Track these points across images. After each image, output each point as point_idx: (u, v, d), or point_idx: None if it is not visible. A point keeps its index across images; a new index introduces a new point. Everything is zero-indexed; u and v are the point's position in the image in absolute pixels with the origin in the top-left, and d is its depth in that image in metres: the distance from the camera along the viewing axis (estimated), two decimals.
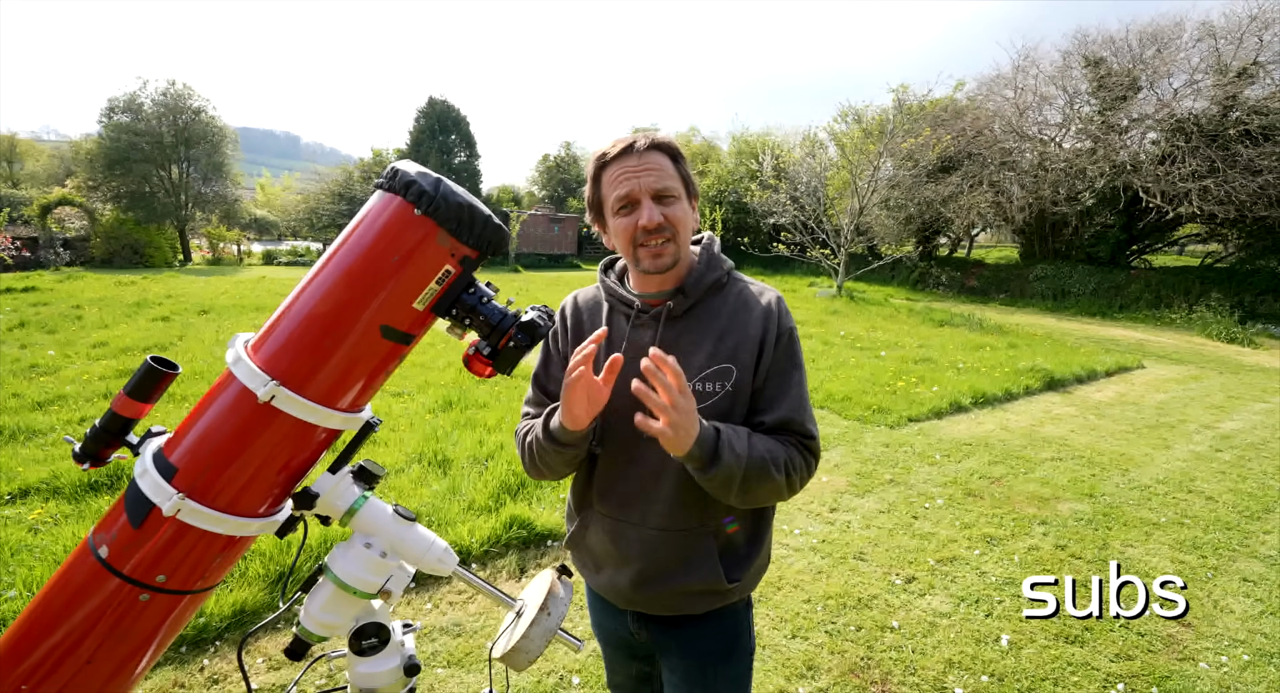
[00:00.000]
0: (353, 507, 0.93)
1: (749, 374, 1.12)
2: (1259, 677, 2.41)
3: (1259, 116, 13.87)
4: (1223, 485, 4.33)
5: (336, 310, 0.81)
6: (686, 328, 1.15)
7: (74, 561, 0.82)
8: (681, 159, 1.13)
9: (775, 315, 1.15)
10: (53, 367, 5.97)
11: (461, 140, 31.12)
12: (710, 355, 1.12)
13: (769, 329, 1.14)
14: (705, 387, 1.12)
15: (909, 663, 2.40)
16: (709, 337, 1.14)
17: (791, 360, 1.15)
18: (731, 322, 1.14)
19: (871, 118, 16.28)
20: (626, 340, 1.17)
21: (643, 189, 1.07)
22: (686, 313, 1.16)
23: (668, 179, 1.09)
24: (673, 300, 1.15)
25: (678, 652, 1.24)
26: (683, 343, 1.14)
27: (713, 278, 1.17)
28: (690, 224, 1.14)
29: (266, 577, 2.60)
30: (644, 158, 1.08)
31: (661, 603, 1.19)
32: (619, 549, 1.18)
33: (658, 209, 1.08)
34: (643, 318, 1.17)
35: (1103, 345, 10.18)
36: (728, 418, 1.11)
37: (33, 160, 39.06)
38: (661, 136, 1.11)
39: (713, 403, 1.11)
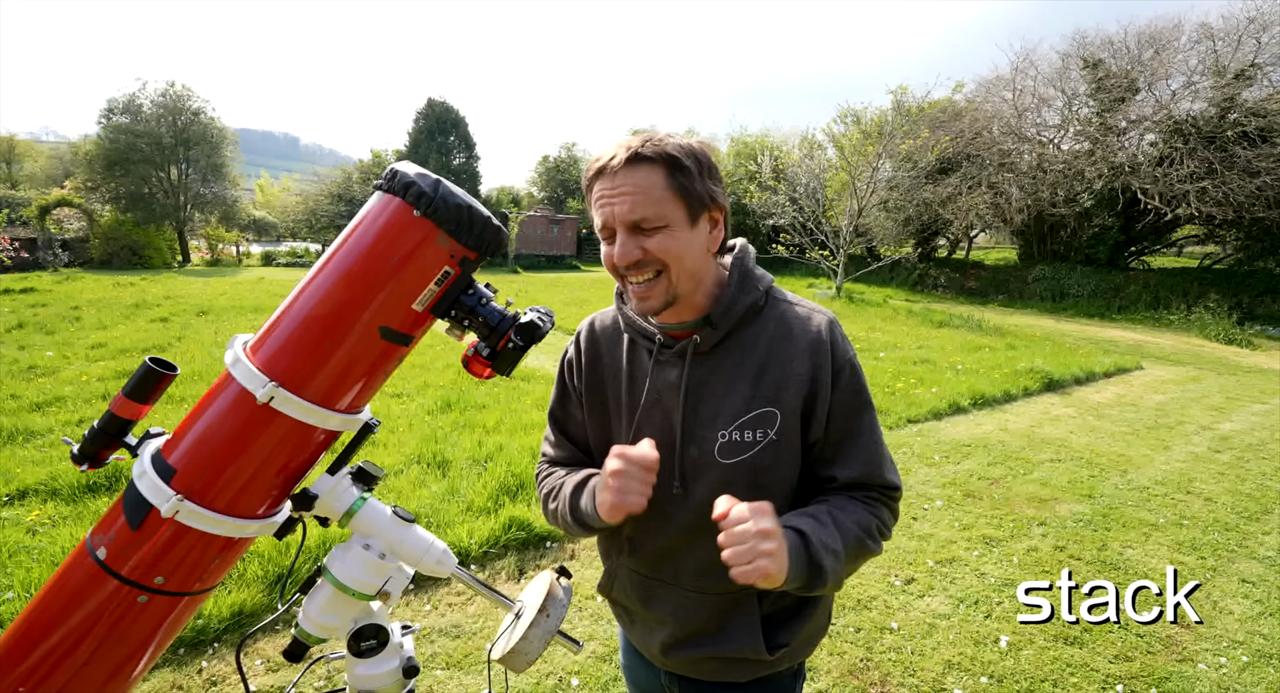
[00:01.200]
0: (351, 508, 0.92)
1: (796, 418, 0.95)
2: (1258, 678, 2.41)
3: (1257, 118, 13.92)
4: (1221, 486, 4.33)
5: (335, 312, 0.81)
6: (717, 364, 0.97)
7: (72, 562, 0.82)
8: (683, 169, 0.89)
9: (828, 346, 0.95)
10: (51, 368, 5.96)
11: (460, 141, 31.15)
12: (748, 399, 0.95)
13: (822, 365, 0.94)
14: (744, 436, 0.95)
15: (908, 664, 2.40)
16: (745, 375, 0.96)
17: (859, 398, 0.98)
18: (771, 355, 0.96)
19: (870, 119, 16.31)
20: (649, 380, 1.00)
21: (615, 218, 0.89)
22: (716, 347, 0.98)
23: (648, 206, 0.87)
24: (700, 333, 0.97)
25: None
26: (714, 383, 0.97)
27: (747, 302, 0.97)
28: (691, 251, 0.92)
29: (265, 578, 2.60)
30: (619, 178, 0.88)
31: (696, 668, 1.06)
32: (649, 609, 1.07)
33: (634, 241, 0.89)
34: (666, 354, 0.99)
35: (1101, 347, 10.19)
36: (771, 469, 0.96)
37: (31, 161, 39.05)
38: (652, 144, 0.89)
39: (754, 454, 0.95)
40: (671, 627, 1.04)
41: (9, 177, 37.11)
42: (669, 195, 0.89)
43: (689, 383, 0.98)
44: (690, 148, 0.91)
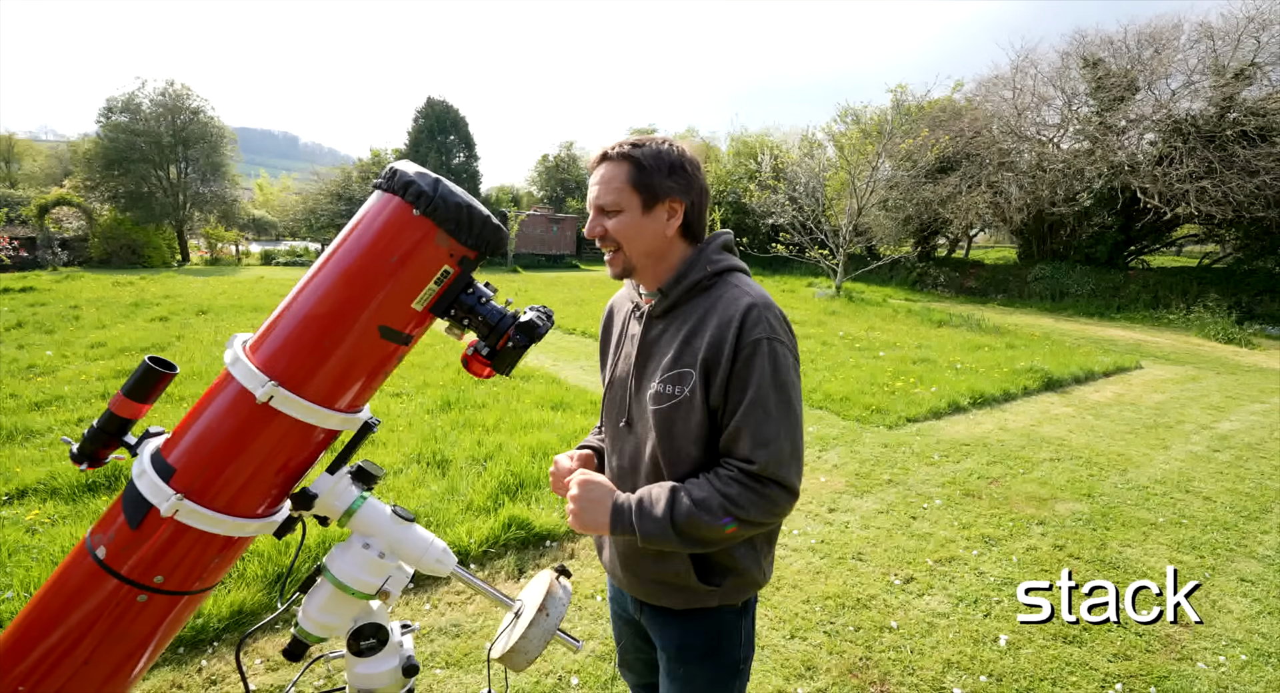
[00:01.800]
0: (351, 507, 0.92)
1: (700, 381, 1.07)
2: (1256, 676, 2.42)
3: (1256, 117, 13.92)
4: (1220, 486, 4.34)
5: (335, 311, 0.81)
6: (664, 328, 1.17)
7: (71, 561, 0.82)
8: (642, 168, 1.08)
9: (737, 324, 1.05)
10: (50, 367, 5.96)
11: (460, 141, 31.11)
12: (674, 358, 1.11)
13: (725, 340, 1.05)
14: (665, 389, 1.11)
15: (908, 663, 2.40)
16: (677, 338, 1.13)
17: (751, 377, 1.04)
18: (700, 325, 1.10)
19: (870, 118, 16.30)
20: (627, 335, 1.26)
21: (590, 202, 1.13)
22: (666, 313, 1.17)
23: (609, 194, 1.09)
24: (656, 299, 1.17)
25: (660, 641, 1.26)
26: (660, 341, 1.16)
27: (693, 279, 1.13)
28: (642, 234, 1.11)
29: (264, 577, 2.60)
30: (594, 172, 1.13)
31: (643, 590, 1.22)
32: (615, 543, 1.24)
33: (599, 221, 1.12)
34: (638, 313, 1.23)
35: (1101, 346, 10.20)
36: (681, 422, 1.10)
37: (30, 160, 38.98)
38: (620, 148, 1.10)
39: (670, 405, 1.10)
40: (622, 545, 1.21)
41: (8, 175, 37.07)
42: (627, 187, 1.09)
43: (643, 340, 1.19)
44: (658, 150, 1.10)
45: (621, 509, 1.07)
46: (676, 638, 1.22)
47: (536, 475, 3.70)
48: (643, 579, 1.20)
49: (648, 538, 1.04)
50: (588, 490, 1.09)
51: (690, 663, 1.22)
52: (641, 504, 1.06)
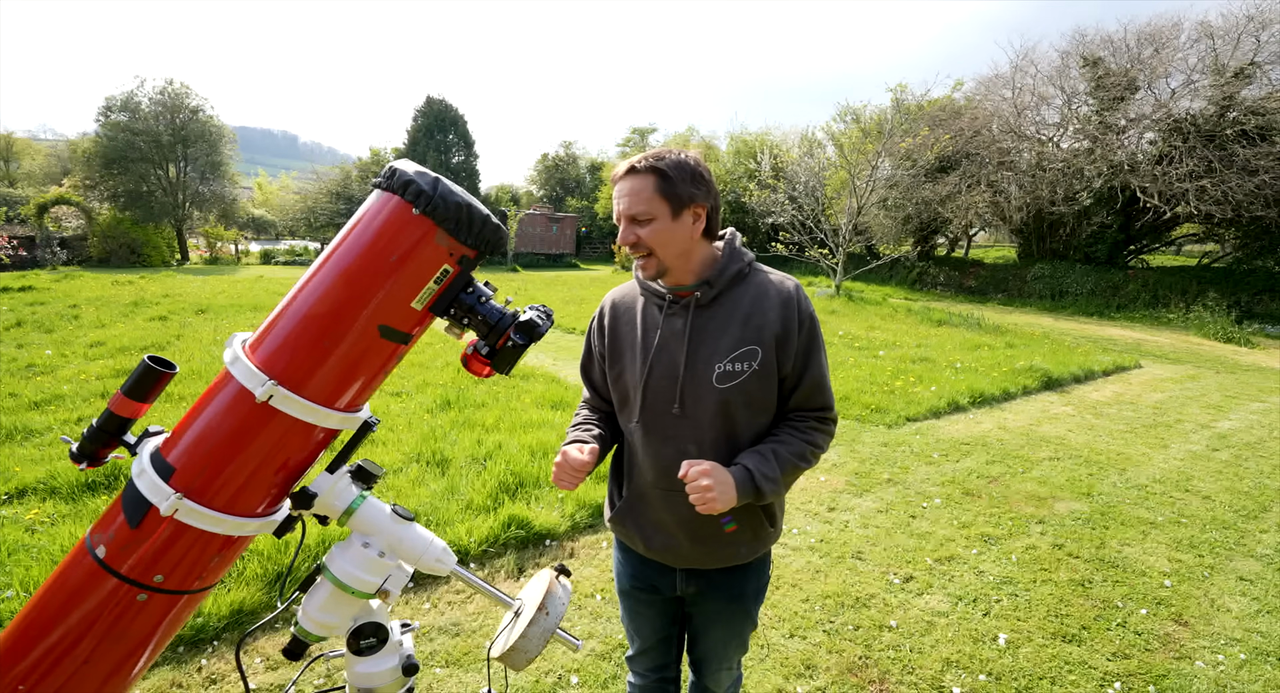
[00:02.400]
0: (351, 506, 0.92)
1: (772, 354, 1.25)
2: (1255, 675, 2.42)
3: (1256, 117, 13.90)
4: (1219, 485, 4.34)
5: (334, 310, 0.81)
6: (713, 315, 1.28)
7: (71, 561, 0.82)
8: (667, 178, 1.19)
9: (794, 302, 1.28)
10: (50, 366, 5.96)
11: (459, 139, 31.10)
12: (737, 339, 1.25)
13: (790, 317, 1.27)
14: (735, 366, 1.25)
15: (907, 662, 2.40)
16: (734, 322, 1.27)
17: (813, 342, 1.30)
18: (754, 307, 1.27)
19: (870, 117, 16.32)
20: (660, 328, 1.31)
21: (620, 213, 1.23)
22: (713, 302, 1.29)
23: (640, 204, 1.19)
24: (700, 291, 1.27)
25: (723, 597, 1.42)
26: (711, 328, 1.28)
27: (735, 269, 1.30)
28: (674, 239, 1.22)
29: (264, 577, 2.60)
30: (621, 184, 1.22)
31: (716, 556, 1.36)
32: (673, 515, 1.33)
33: (632, 230, 1.22)
34: (674, 308, 1.30)
35: (1100, 345, 10.20)
36: (754, 392, 1.26)
37: (29, 159, 38.91)
38: (646, 160, 1.20)
39: (742, 380, 1.25)
40: (696, 526, 1.31)
41: (7, 174, 37.03)
42: (656, 197, 1.19)
43: (692, 329, 1.28)
44: (678, 161, 1.21)
45: (746, 480, 1.20)
46: (740, 586, 1.41)
47: (536, 475, 3.70)
48: (717, 547, 1.34)
49: (770, 496, 1.23)
50: (715, 474, 1.17)
51: (750, 601, 1.44)
52: (761, 471, 1.22)
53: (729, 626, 1.46)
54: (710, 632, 1.48)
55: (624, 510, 1.40)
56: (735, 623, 1.46)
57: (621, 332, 1.37)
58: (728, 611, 1.43)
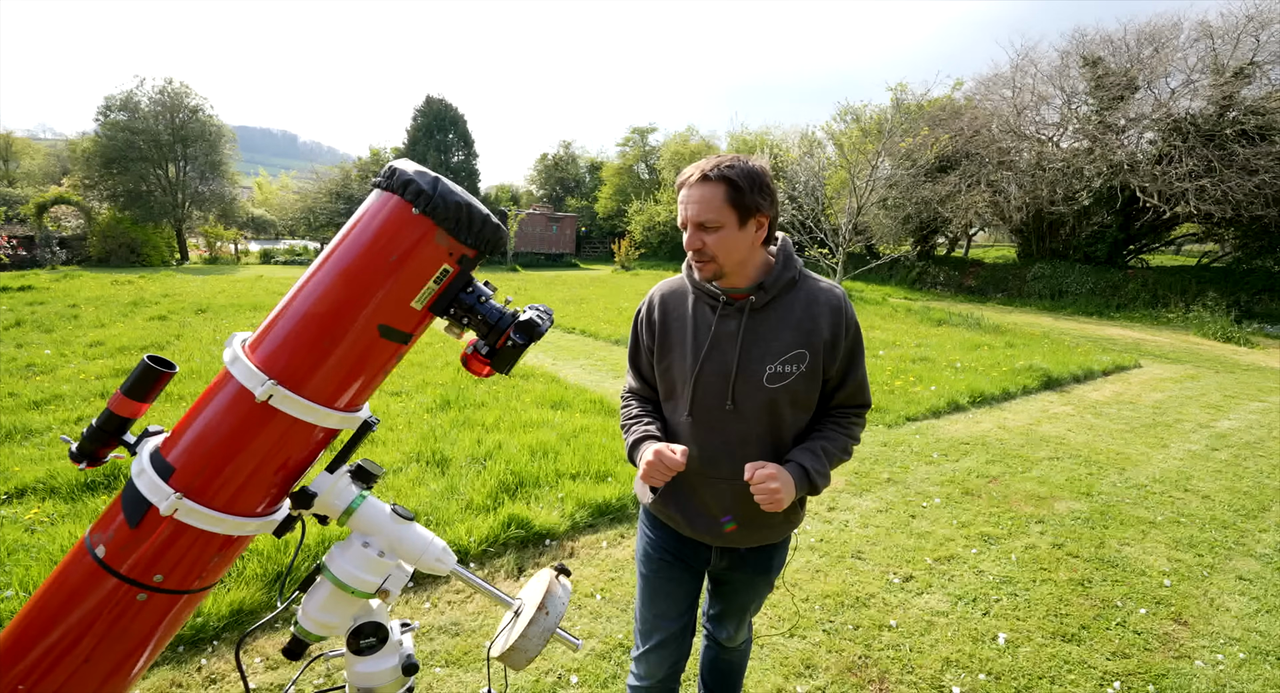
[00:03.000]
0: (350, 506, 0.92)
1: (820, 358, 1.34)
2: (1254, 674, 2.42)
3: (1255, 116, 13.91)
4: (1219, 484, 4.34)
5: (334, 310, 0.81)
6: (765, 318, 1.36)
7: (71, 560, 0.82)
8: (737, 187, 1.24)
9: (844, 310, 1.38)
10: (49, 366, 5.95)
11: (459, 139, 31.09)
12: (789, 342, 1.34)
13: (839, 323, 1.36)
14: (785, 368, 1.33)
15: (906, 662, 2.40)
16: (787, 326, 1.35)
17: (858, 346, 1.40)
18: (805, 313, 1.35)
19: (870, 117, 16.30)
20: (714, 328, 1.37)
21: (688, 218, 1.28)
22: (766, 306, 1.36)
23: (709, 212, 1.25)
24: (755, 295, 1.34)
25: (751, 570, 1.54)
26: (763, 331, 1.35)
27: (788, 276, 1.37)
28: (736, 246, 1.28)
29: (264, 576, 2.60)
30: (693, 190, 1.26)
31: (755, 536, 1.47)
32: (716, 499, 1.41)
33: (698, 236, 1.28)
34: (729, 310, 1.36)
35: (1100, 345, 10.20)
36: (801, 392, 1.36)
37: (29, 159, 38.88)
38: (718, 169, 1.24)
39: (791, 381, 1.34)
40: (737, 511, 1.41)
41: (6, 174, 36.99)
42: (725, 206, 1.25)
43: (745, 330, 1.35)
44: (747, 170, 1.25)
45: (803, 477, 1.31)
46: (768, 561, 1.54)
47: (536, 474, 3.70)
48: (755, 529, 1.45)
49: (821, 489, 1.35)
50: (780, 475, 1.27)
51: (774, 572, 1.57)
52: (815, 468, 1.33)
53: (752, 593, 1.60)
54: (735, 598, 1.62)
55: (668, 493, 1.47)
56: (758, 590, 1.60)
57: (671, 327, 1.43)
58: (754, 581, 1.57)
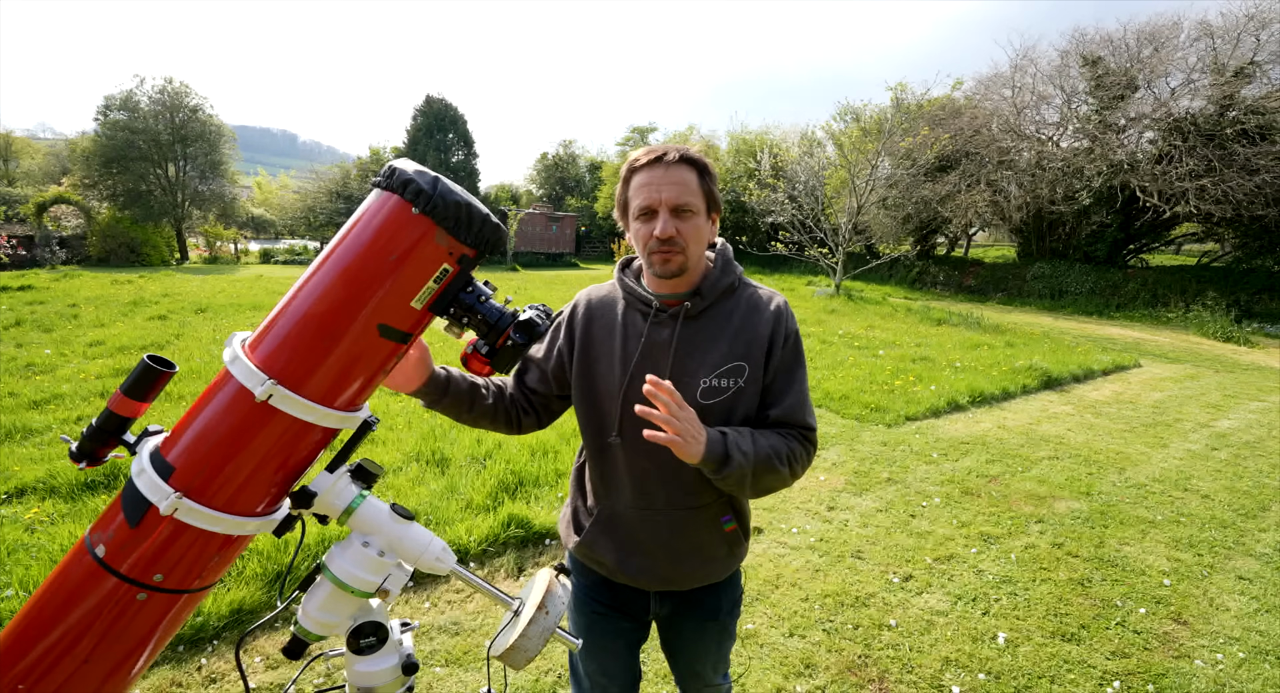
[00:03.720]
0: (350, 506, 0.92)
1: (759, 370, 1.21)
2: (1254, 674, 2.42)
3: (1256, 116, 13.91)
4: (1219, 484, 4.34)
5: (334, 309, 0.81)
6: (701, 327, 1.22)
7: (71, 560, 0.82)
8: (709, 175, 1.17)
9: (783, 318, 1.25)
10: (49, 365, 5.95)
11: (459, 139, 31.09)
12: (725, 354, 1.20)
13: (778, 331, 1.23)
14: (720, 382, 1.20)
15: (906, 661, 2.40)
16: (723, 336, 1.22)
17: (797, 359, 1.25)
18: (744, 323, 1.23)
19: (870, 117, 16.31)
20: (645, 337, 1.23)
21: (662, 202, 1.14)
22: (702, 314, 1.23)
23: (688, 195, 1.14)
24: (690, 301, 1.22)
25: (699, 615, 1.36)
26: (699, 341, 1.22)
27: (726, 282, 1.24)
28: (704, 238, 1.19)
29: (264, 576, 2.60)
30: (670, 171, 1.14)
31: (693, 577, 1.31)
32: (652, 536, 1.26)
33: (673, 222, 1.14)
34: (661, 317, 1.23)
35: (1100, 344, 10.21)
36: (739, 410, 1.21)
37: (28, 158, 38.87)
38: (693, 151, 1.16)
39: (727, 397, 1.20)
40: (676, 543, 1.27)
41: (6, 174, 36.98)
42: (700, 191, 1.16)
43: (679, 340, 1.21)
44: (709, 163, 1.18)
45: (719, 439, 1.10)
46: (716, 602, 1.37)
47: (536, 474, 3.70)
48: (696, 565, 1.29)
49: (734, 470, 1.10)
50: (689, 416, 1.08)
51: (726, 616, 1.39)
52: (735, 439, 1.12)
53: (707, 644, 1.40)
54: (688, 650, 1.42)
55: (595, 533, 1.30)
56: (712, 640, 1.40)
57: (597, 335, 1.28)
58: (704, 628, 1.38)
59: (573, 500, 1.40)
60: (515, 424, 1.34)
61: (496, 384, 1.34)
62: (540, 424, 1.39)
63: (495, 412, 1.30)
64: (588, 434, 1.31)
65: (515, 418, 1.34)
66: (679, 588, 1.33)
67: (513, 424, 1.34)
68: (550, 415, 1.40)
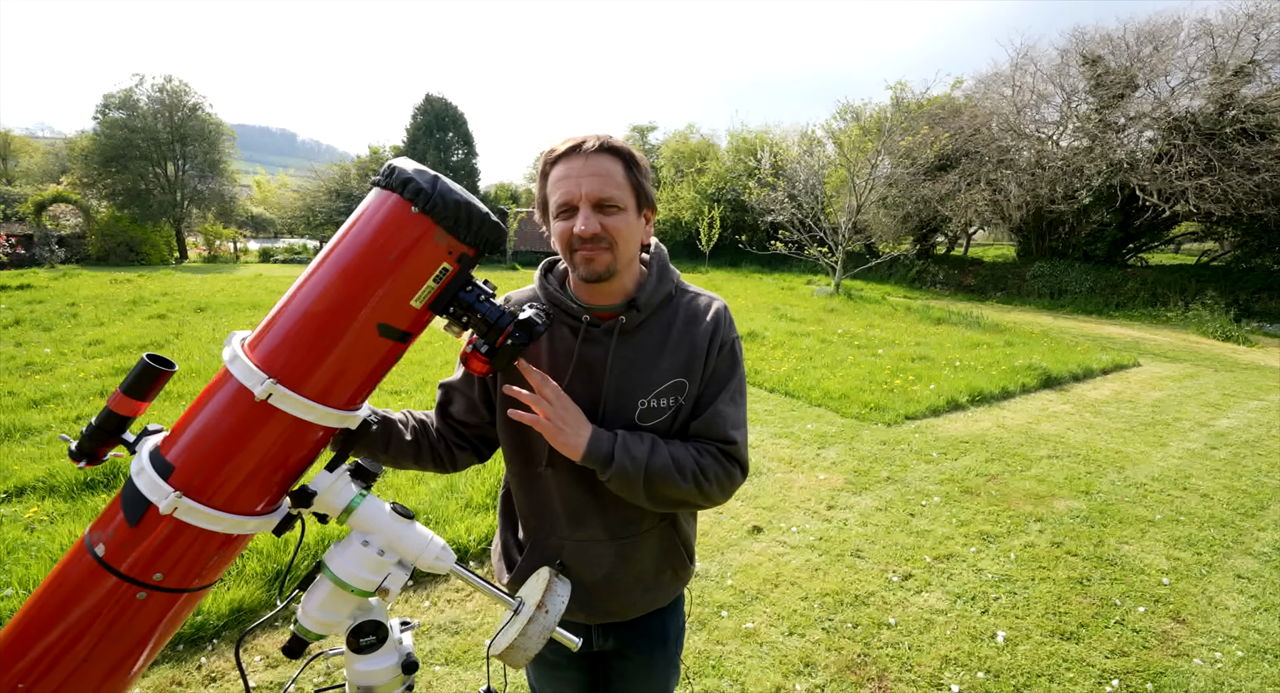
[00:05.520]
0: (350, 505, 0.92)
1: (697, 385, 1.12)
2: (1252, 673, 2.43)
3: (1255, 115, 13.90)
4: (1218, 483, 4.35)
5: (333, 308, 0.81)
6: (639, 344, 1.11)
7: (71, 559, 0.82)
8: (636, 166, 1.05)
9: (721, 326, 1.14)
10: (48, 364, 5.95)
11: (459, 138, 31.05)
12: (665, 370, 1.10)
13: (714, 339, 1.13)
14: (660, 403, 1.10)
15: (905, 660, 2.41)
16: (663, 352, 1.11)
17: (732, 369, 1.14)
18: (682, 336, 1.12)
19: (869, 115, 16.30)
20: (576, 354, 1.10)
21: (583, 196, 1.01)
22: (638, 328, 1.11)
23: (612, 188, 1.01)
24: (625, 316, 1.10)
25: (642, 647, 1.27)
26: (637, 359, 1.10)
27: (664, 291, 1.13)
28: (634, 237, 1.07)
29: (264, 575, 2.60)
30: (590, 161, 1.01)
31: (635, 606, 1.22)
32: (589, 567, 1.16)
33: (596, 218, 1.01)
34: (594, 332, 1.11)
35: (1099, 343, 10.21)
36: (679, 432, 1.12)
37: (27, 157, 38.84)
38: (616, 140, 1.04)
39: (666, 418, 1.11)
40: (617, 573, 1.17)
41: (5, 172, 36.93)
42: (626, 184, 1.03)
43: (614, 358, 1.10)
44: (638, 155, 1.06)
45: (602, 436, 1.03)
46: (661, 631, 1.28)
47: None
48: (638, 595, 1.20)
49: (619, 472, 1.01)
50: (565, 403, 1.01)
51: (673, 644, 1.30)
52: (626, 440, 1.04)
53: (653, 677, 1.31)
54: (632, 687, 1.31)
55: (528, 567, 1.18)
56: (659, 672, 1.31)
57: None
58: (653, 660, 1.29)
59: (501, 533, 1.29)
60: (448, 462, 1.21)
61: (419, 419, 1.21)
62: (480, 458, 1.26)
63: (418, 450, 1.17)
64: (515, 464, 1.19)
65: (445, 455, 1.20)
66: (621, 619, 1.23)
67: (443, 462, 1.20)
68: (490, 447, 1.26)
